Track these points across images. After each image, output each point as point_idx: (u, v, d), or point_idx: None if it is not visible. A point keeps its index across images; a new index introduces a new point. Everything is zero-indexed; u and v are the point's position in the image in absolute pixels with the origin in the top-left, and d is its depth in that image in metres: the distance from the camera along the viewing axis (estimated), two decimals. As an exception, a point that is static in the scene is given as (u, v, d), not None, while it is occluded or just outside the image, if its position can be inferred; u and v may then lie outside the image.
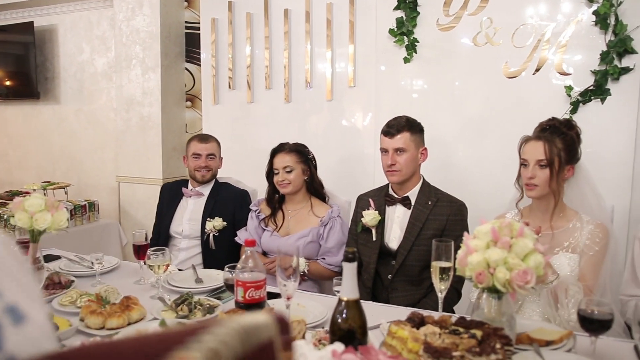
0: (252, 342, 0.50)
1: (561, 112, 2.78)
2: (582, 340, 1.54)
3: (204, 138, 2.95)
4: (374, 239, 2.34)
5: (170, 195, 3.00)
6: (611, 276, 1.99)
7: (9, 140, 5.30)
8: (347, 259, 1.32)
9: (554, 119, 2.04)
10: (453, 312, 2.30)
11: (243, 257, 1.60)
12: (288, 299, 1.60)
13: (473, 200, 2.81)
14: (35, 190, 4.28)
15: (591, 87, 2.75)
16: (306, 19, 3.46)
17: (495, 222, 1.41)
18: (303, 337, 1.35)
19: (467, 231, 2.33)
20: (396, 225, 2.35)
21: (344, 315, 1.32)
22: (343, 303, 1.33)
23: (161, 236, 2.92)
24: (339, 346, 1.06)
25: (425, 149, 2.37)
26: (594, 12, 2.70)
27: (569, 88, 2.77)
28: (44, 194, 4.17)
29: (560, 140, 1.95)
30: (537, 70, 2.86)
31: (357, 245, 2.42)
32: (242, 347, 0.49)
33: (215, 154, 2.92)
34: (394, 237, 2.34)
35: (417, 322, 1.40)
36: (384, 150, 2.34)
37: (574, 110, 2.77)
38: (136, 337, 0.49)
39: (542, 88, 2.86)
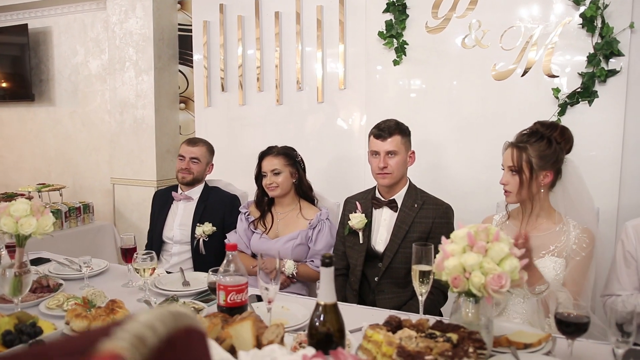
0: (178, 325, 0.52)
1: (549, 113, 2.80)
2: (561, 343, 1.56)
3: (193, 141, 2.97)
4: (361, 241, 2.35)
5: (162, 201, 3.02)
6: (596, 280, 2.00)
7: (5, 142, 5.32)
8: (324, 263, 1.34)
9: (536, 123, 2.04)
10: (440, 314, 2.32)
11: (225, 261, 1.62)
12: (269, 302, 1.62)
13: (463, 201, 2.84)
14: (30, 192, 4.30)
15: (578, 89, 2.76)
16: (296, 21, 3.48)
17: (472, 227, 1.42)
18: (281, 341, 1.36)
19: None
20: (383, 228, 2.37)
21: (321, 319, 1.33)
22: (320, 307, 1.35)
23: (154, 242, 2.94)
24: (309, 350, 1.07)
25: (413, 152, 2.39)
26: (581, 15, 2.72)
27: (557, 90, 2.79)
28: (39, 196, 4.21)
29: (535, 146, 1.93)
30: (525, 72, 2.88)
31: (344, 248, 2.44)
32: (166, 329, 0.50)
33: (199, 158, 2.92)
34: (380, 240, 2.36)
35: (394, 325, 1.41)
36: (374, 153, 2.34)
37: (561, 112, 2.79)
38: (63, 338, 0.50)
39: (531, 90, 2.87)
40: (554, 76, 2.82)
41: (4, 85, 5.05)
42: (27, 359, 0.48)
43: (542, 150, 1.93)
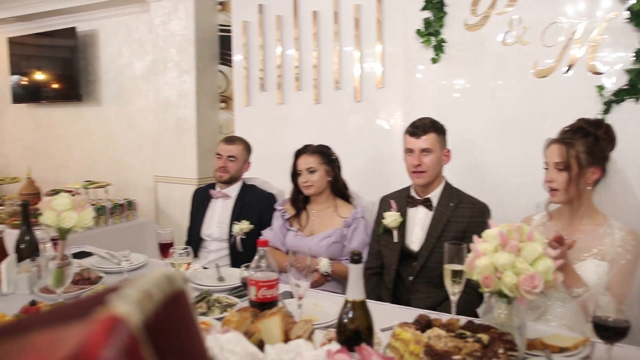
0: (172, 288, 0.54)
1: (593, 112, 2.70)
2: (601, 348, 1.50)
3: (230, 140, 3.01)
4: (395, 240, 2.34)
5: (201, 199, 3.08)
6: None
7: (55, 141, 5.53)
8: (353, 260, 1.34)
9: (580, 119, 1.98)
10: (476, 315, 2.28)
11: (256, 257, 1.64)
12: (300, 298, 1.63)
13: (503, 201, 2.79)
14: (77, 189, 4.46)
15: (625, 87, 2.66)
16: (334, 20, 3.48)
17: (505, 226, 1.39)
18: (309, 337, 1.36)
19: None
20: (418, 227, 2.35)
21: (349, 316, 1.33)
22: (349, 304, 1.35)
23: (193, 239, 3.00)
24: (334, 346, 1.08)
25: (449, 150, 2.36)
26: (628, 9, 2.62)
27: (601, 88, 2.69)
28: (86, 193, 4.36)
29: (581, 142, 1.88)
30: (568, 69, 2.79)
31: (378, 247, 2.43)
32: (162, 293, 0.52)
33: (237, 156, 2.96)
34: (415, 239, 2.34)
35: (423, 324, 1.40)
36: (409, 151, 2.33)
37: (606, 111, 2.70)
38: (58, 305, 0.51)
39: (574, 88, 2.79)
40: (598, 73, 2.73)
41: (55, 86, 5.25)
42: (16, 328, 0.49)
43: (590, 145, 1.88)
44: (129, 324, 0.45)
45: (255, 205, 2.93)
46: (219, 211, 2.97)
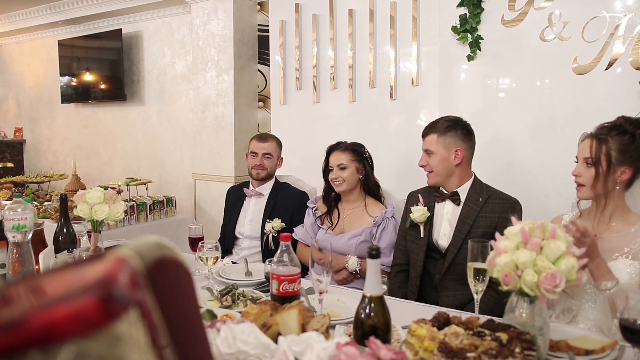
0: (163, 253, 0.63)
1: (635, 110, 2.60)
2: (630, 352, 1.45)
3: (263, 137, 3.03)
4: (422, 235, 2.32)
5: (235, 197, 3.11)
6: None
7: (101, 139, 5.73)
8: (370, 255, 1.33)
9: (620, 117, 1.91)
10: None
11: (279, 251, 1.65)
12: (321, 293, 1.63)
13: (539, 200, 2.73)
14: (120, 186, 4.60)
15: (670, 83, 2.55)
16: (370, 18, 3.47)
17: (527, 223, 1.36)
18: (326, 331, 1.37)
19: None
20: (445, 221, 2.32)
21: (367, 311, 1.33)
22: (367, 299, 1.34)
23: (227, 237, 3.04)
24: (343, 338, 1.08)
25: (460, 149, 2.28)
26: (674, 2, 2.51)
27: (644, 84, 2.59)
28: (127, 190, 4.49)
29: (616, 139, 1.81)
30: (609, 66, 2.69)
31: (405, 242, 2.41)
32: (151, 255, 0.61)
33: (272, 153, 2.97)
34: (443, 234, 2.31)
35: (442, 321, 1.38)
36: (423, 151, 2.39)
37: (650, 108, 2.59)
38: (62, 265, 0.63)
39: (615, 85, 2.69)
40: (642, 69, 2.62)
41: (101, 87, 5.44)
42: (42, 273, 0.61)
43: (625, 144, 1.81)
44: (133, 263, 0.56)
45: (287, 203, 2.94)
46: (252, 209, 3.00)
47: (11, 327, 0.50)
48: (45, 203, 4.45)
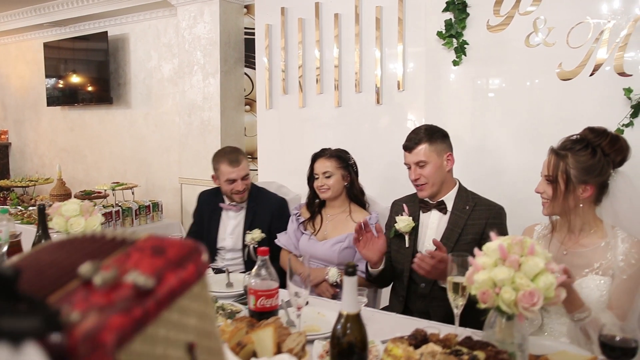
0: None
1: (620, 116, 2.60)
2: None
3: (235, 161, 2.79)
4: (407, 245, 2.29)
5: (210, 207, 2.97)
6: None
7: (87, 142, 5.68)
8: (347, 272, 1.31)
9: (586, 129, 1.83)
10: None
11: (256, 266, 1.63)
12: (299, 309, 1.61)
13: (524, 207, 2.70)
14: (105, 190, 4.55)
15: (655, 89, 2.54)
16: (355, 21, 3.44)
17: (507, 239, 1.34)
18: (302, 349, 1.34)
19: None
20: (431, 231, 2.29)
21: (343, 330, 1.31)
22: (343, 317, 1.32)
23: (210, 249, 2.87)
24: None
25: (450, 154, 2.28)
26: (659, 8, 2.50)
27: (629, 90, 2.58)
28: (113, 194, 4.45)
29: (576, 156, 1.74)
30: (594, 71, 2.68)
31: (390, 251, 2.39)
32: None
33: (248, 172, 2.83)
34: (428, 244, 2.28)
35: (419, 339, 1.36)
36: (407, 165, 2.31)
37: (634, 114, 2.58)
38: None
39: (599, 91, 2.68)
40: (626, 75, 2.61)
41: (87, 89, 5.38)
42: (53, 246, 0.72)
43: (584, 161, 1.73)
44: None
45: (266, 212, 2.85)
46: (232, 222, 2.90)
47: (147, 293, 0.59)
48: (30, 208, 4.40)
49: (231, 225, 2.89)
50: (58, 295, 0.57)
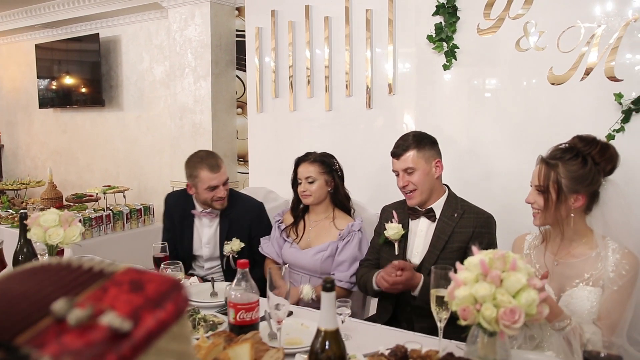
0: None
1: (611, 121, 2.57)
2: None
3: (215, 166, 2.64)
4: (397, 253, 2.25)
5: (180, 213, 2.81)
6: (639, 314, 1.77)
7: (79, 145, 5.64)
8: (325, 288, 1.28)
9: (575, 137, 1.81)
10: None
11: (235, 279, 1.59)
12: (279, 322, 1.58)
13: (514, 212, 2.68)
14: (97, 194, 4.52)
15: (645, 94, 2.51)
16: (346, 23, 3.41)
17: (488, 253, 1.31)
18: (279, 367, 1.32)
19: (495, 245, 2.21)
20: (419, 239, 2.26)
21: (322, 346, 1.28)
22: (322, 333, 1.29)
23: (183, 257, 2.67)
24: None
25: (439, 160, 2.26)
26: (650, 12, 2.47)
27: (619, 95, 2.55)
28: (105, 198, 4.42)
29: (566, 166, 1.72)
30: (585, 76, 2.65)
31: (378, 256, 2.36)
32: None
33: (228, 176, 2.70)
34: (416, 252, 2.26)
35: (399, 355, 1.33)
36: (395, 172, 2.29)
37: (625, 119, 2.55)
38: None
39: (591, 95, 2.65)
40: (617, 80, 2.58)
41: (79, 91, 5.34)
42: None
43: (575, 170, 1.71)
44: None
45: (244, 219, 2.72)
46: (206, 231, 2.74)
47: (123, 336, 0.55)
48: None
49: (206, 235, 2.73)
50: (28, 334, 0.54)
